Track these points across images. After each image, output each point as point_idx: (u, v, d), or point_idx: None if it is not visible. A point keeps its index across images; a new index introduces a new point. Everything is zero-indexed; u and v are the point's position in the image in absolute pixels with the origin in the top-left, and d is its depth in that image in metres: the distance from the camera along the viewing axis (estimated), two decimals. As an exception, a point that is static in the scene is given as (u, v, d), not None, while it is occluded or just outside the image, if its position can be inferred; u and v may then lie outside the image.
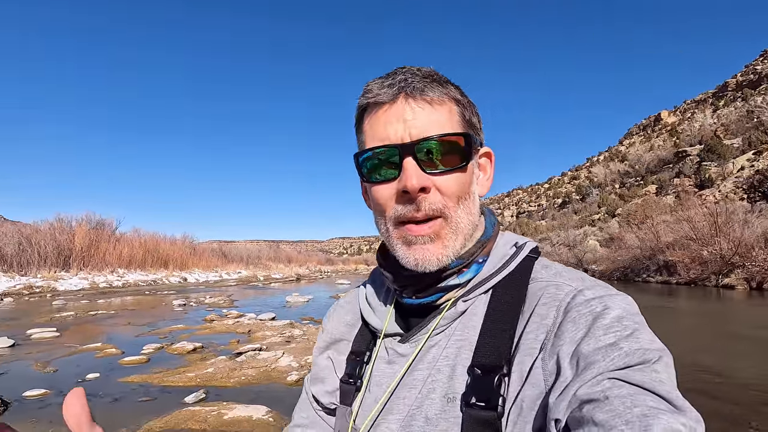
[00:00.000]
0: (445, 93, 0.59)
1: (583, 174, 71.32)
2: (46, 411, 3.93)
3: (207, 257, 34.22)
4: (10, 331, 7.59)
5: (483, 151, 0.65)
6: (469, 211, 0.60)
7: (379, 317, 0.66)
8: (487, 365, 0.53)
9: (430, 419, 0.55)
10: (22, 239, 20.58)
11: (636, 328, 0.49)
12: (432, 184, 0.57)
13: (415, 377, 0.58)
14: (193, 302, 13.70)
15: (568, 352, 0.49)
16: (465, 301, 0.59)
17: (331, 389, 0.71)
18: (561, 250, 35.10)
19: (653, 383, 0.43)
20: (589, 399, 0.43)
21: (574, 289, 0.55)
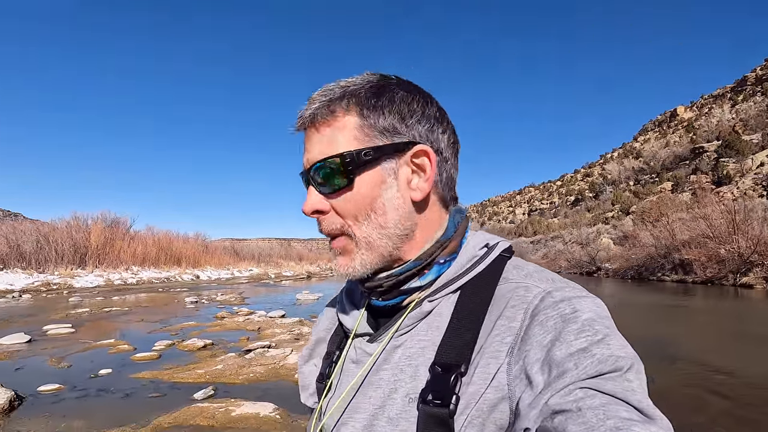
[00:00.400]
0: (336, 111, 0.58)
1: (596, 171, 70.28)
2: (59, 406, 4.01)
3: (219, 255, 34.65)
4: (27, 327, 7.78)
5: (415, 150, 0.59)
6: (380, 226, 0.58)
7: (352, 317, 0.67)
8: (446, 364, 0.52)
9: (392, 419, 0.55)
10: (40, 237, 21.07)
11: (607, 333, 0.48)
12: (329, 206, 0.59)
13: (380, 377, 0.58)
14: (205, 299, 13.88)
15: (537, 357, 0.48)
16: (431, 301, 0.59)
17: (312, 391, 0.71)
18: (573, 248, 34.70)
19: (625, 392, 0.43)
20: (561, 410, 0.42)
21: (543, 290, 0.54)
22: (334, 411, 0.62)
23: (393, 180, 0.59)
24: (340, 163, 0.57)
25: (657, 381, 4.51)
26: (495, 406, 0.49)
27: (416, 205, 0.60)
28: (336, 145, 0.58)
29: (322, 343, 0.74)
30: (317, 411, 0.65)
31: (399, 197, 0.59)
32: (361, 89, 0.59)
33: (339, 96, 0.59)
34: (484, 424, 0.49)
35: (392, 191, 0.59)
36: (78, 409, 3.91)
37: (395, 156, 0.59)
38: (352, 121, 0.58)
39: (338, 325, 0.71)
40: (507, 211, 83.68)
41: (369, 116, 0.58)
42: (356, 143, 0.58)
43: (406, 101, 0.60)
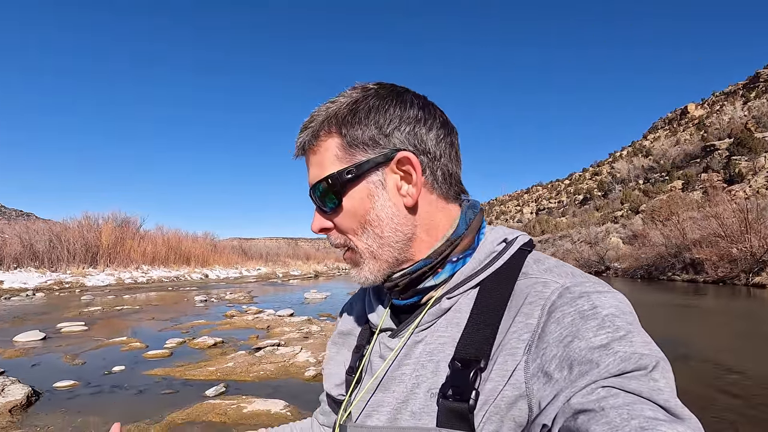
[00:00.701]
0: (319, 134, 0.61)
1: (605, 170, 69.60)
2: (75, 401, 4.09)
3: (227, 254, 34.91)
4: (42, 325, 7.92)
5: (398, 157, 0.59)
6: (378, 235, 0.60)
7: (377, 314, 0.68)
8: (465, 359, 0.53)
9: (414, 413, 0.55)
10: (52, 237, 21.40)
11: (629, 330, 0.47)
12: (332, 224, 0.63)
13: (402, 371, 0.59)
14: (214, 298, 14.01)
15: (554, 354, 0.47)
16: (449, 298, 0.59)
17: (339, 381, 0.73)
18: (582, 247, 34.43)
19: (651, 392, 0.41)
20: (584, 409, 0.42)
21: (561, 286, 0.53)
22: (359, 403, 0.63)
23: (381, 191, 0.60)
24: (327, 185, 0.60)
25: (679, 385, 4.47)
26: (513, 403, 0.49)
27: (411, 209, 0.60)
28: (323, 168, 0.61)
29: (350, 335, 0.76)
30: (344, 402, 0.67)
31: (391, 206, 0.60)
32: (339, 108, 0.61)
33: (321, 120, 0.61)
34: (502, 421, 0.49)
35: (383, 201, 0.60)
36: (93, 405, 3.98)
37: (379, 167, 0.59)
38: (334, 143, 0.60)
39: (366, 319, 0.73)
40: (514, 210, 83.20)
41: (347, 134, 0.59)
42: (339, 163, 0.60)
43: (382, 110, 0.60)
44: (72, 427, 3.44)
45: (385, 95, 0.61)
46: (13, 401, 3.87)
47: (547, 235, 50.77)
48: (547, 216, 63.80)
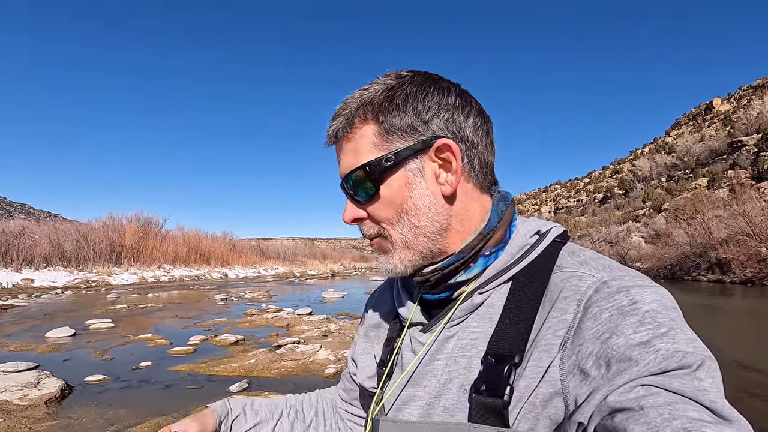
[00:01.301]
0: (355, 121, 0.60)
1: (626, 167, 68.02)
2: (105, 395, 4.24)
3: (246, 254, 35.43)
4: (71, 322, 8.19)
5: (437, 145, 0.57)
6: (414, 225, 0.59)
7: (407, 308, 0.67)
8: (499, 354, 0.51)
9: (447, 408, 0.55)
10: (79, 237, 22.11)
11: (672, 326, 0.44)
12: (365, 213, 0.61)
13: (435, 366, 0.59)
14: (234, 297, 14.24)
15: (591, 351, 0.45)
16: (481, 293, 0.58)
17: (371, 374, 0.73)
18: (602, 246, 33.75)
19: (696, 392, 0.39)
20: (622, 408, 0.40)
21: (598, 280, 0.51)
22: (391, 396, 0.63)
23: (420, 179, 0.58)
24: (364, 173, 0.58)
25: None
26: (548, 401, 0.48)
27: (448, 198, 0.59)
28: (359, 156, 0.59)
29: (378, 327, 0.76)
30: (376, 395, 0.66)
31: (429, 194, 0.58)
32: (375, 95, 0.59)
33: (356, 107, 0.60)
34: (537, 419, 0.48)
35: (421, 189, 0.58)
36: (122, 399, 4.12)
37: (418, 155, 0.58)
38: (370, 130, 0.59)
39: (395, 313, 0.72)
40: (532, 209, 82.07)
41: (385, 121, 0.58)
42: (376, 151, 0.58)
43: (420, 97, 0.58)
44: (103, 420, 3.57)
45: (422, 82, 0.60)
46: (48, 394, 4.03)
47: (565, 235, 49.74)
48: (566, 215, 62.71)
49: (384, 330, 0.74)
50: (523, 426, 0.49)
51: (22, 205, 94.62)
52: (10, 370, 4.71)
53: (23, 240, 19.57)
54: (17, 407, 3.77)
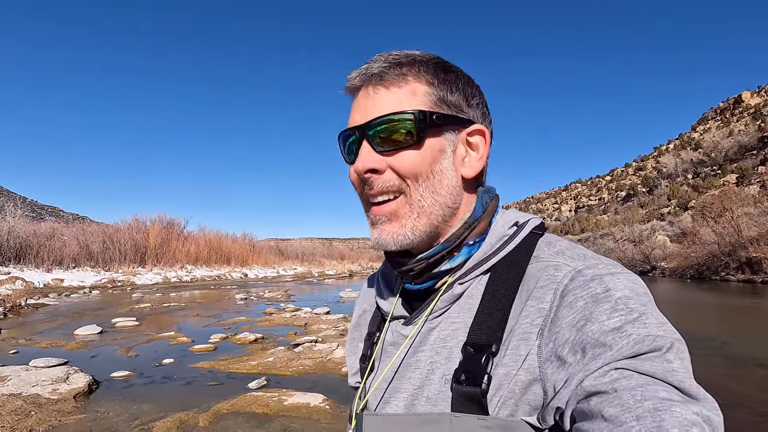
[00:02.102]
0: (407, 74, 0.59)
1: (649, 164, 66.21)
2: (130, 390, 4.38)
3: (265, 254, 35.93)
4: (99, 320, 8.47)
5: (473, 128, 0.61)
6: (434, 190, 0.58)
7: (388, 301, 0.67)
8: (477, 344, 0.52)
9: (430, 399, 0.56)
10: (105, 238, 22.83)
11: (643, 311, 0.46)
12: (386, 165, 0.58)
13: (418, 358, 0.59)
14: (254, 296, 14.46)
15: (568, 338, 0.47)
16: (461, 283, 0.59)
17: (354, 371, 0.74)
18: (625, 246, 32.94)
19: (665, 373, 0.41)
20: (597, 391, 0.42)
21: (573, 269, 0.52)
22: (376, 391, 0.63)
23: (450, 152, 0.60)
24: (413, 119, 0.56)
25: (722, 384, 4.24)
26: (527, 387, 0.49)
27: (464, 182, 0.61)
28: (405, 105, 0.57)
29: (361, 325, 0.77)
30: (359, 390, 0.67)
31: (452, 170, 0.60)
32: (430, 62, 0.60)
33: (409, 62, 0.59)
34: (517, 405, 0.49)
35: (448, 162, 0.59)
36: (146, 394, 4.24)
37: (456, 130, 0.60)
38: (422, 88, 0.58)
39: (376, 307, 0.71)
40: (552, 209, 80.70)
41: (439, 87, 0.59)
42: (424, 107, 0.58)
43: (469, 84, 0.62)
44: (128, 414, 3.68)
45: (468, 75, 0.63)
46: (76, 388, 4.19)
47: (587, 234, 48.88)
48: (587, 214, 61.44)
49: (364, 327, 0.74)
50: (503, 413, 0.50)
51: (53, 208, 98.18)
52: (42, 365, 4.91)
53: (53, 241, 20.33)
54: (48, 401, 3.93)
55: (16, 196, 35.58)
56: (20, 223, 19.89)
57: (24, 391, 4.10)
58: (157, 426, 3.39)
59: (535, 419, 0.49)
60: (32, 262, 18.68)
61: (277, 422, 3.50)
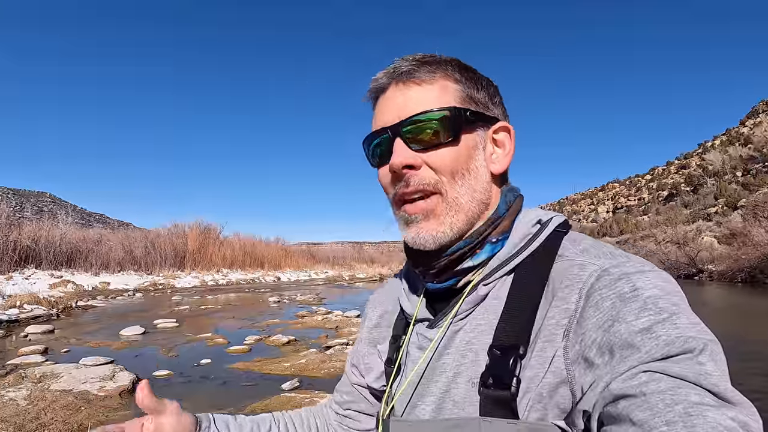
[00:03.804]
0: (436, 72, 0.59)
1: (693, 162, 62.84)
2: (170, 389, 4.56)
3: (297, 258, 36.60)
4: (142, 321, 8.87)
5: (498, 126, 0.62)
6: (471, 188, 0.58)
7: (411, 303, 0.67)
8: (503, 346, 0.51)
9: (457, 402, 0.55)
10: (147, 243, 23.93)
11: (674, 311, 0.44)
12: (421, 161, 0.57)
13: (444, 362, 0.58)
14: (286, 299, 14.74)
15: (595, 339, 0.46)
16: (486, 284, 0.58)
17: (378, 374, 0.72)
18: (668, 248, 31.34)
19: (698, 376, 0.39)
20: (625, 394, 0.40)
21: (599, 268, 0.50)
22: (403, 395, 0.62)
23: (482, 148, 0.61)
24: (450, 116, 0.57)
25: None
26: (555, 390, 0.48)
27: (493, 178, 0.62)
28: (439, 101, 0.58)
29: (381, 326, 0.75)
30: (386, 395, 0.66)
31: (483, 166, 0.61)
32: (453, 62, 0.61)
33: (436, 61, 0.60)
34: (546, 408, 0.48)
35: (480, 159, 0.60)
36: (185, 393, 4.41)
37: (485, 127, 0.61)
38: (452, 86, 0.59)
39: (400, 310, 0.71)
40: (588, 210, 77.98)
41: (466, 86, 0.60)
42: (457, 104, 0.58)
43: (492, 84, 0.64)
44: (169, 411, 3.84)
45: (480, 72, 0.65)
46: (122, 386, 4.41)
47: (626, 235, 46.93)
48: (626, 215, 58.99)
49: (386, 329, 0.74)
50: (533, 416, 0.49)
51: (100, 215, 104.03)
52: (91, 363, 5.20)
53: (100, 247, 21.52)
54: (96, 397, 4.16)
55: (68, 204, 37.89)
56: (71, 230, 21.22)
57: (75, 388, 4.35)
58: (195, 424, 3.51)
59: (564, 422, 0.48)
60: (82, 266, 19.84)
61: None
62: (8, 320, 8.32)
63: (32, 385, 4.37)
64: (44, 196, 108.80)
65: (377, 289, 0.83)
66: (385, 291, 0.80)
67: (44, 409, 3.72)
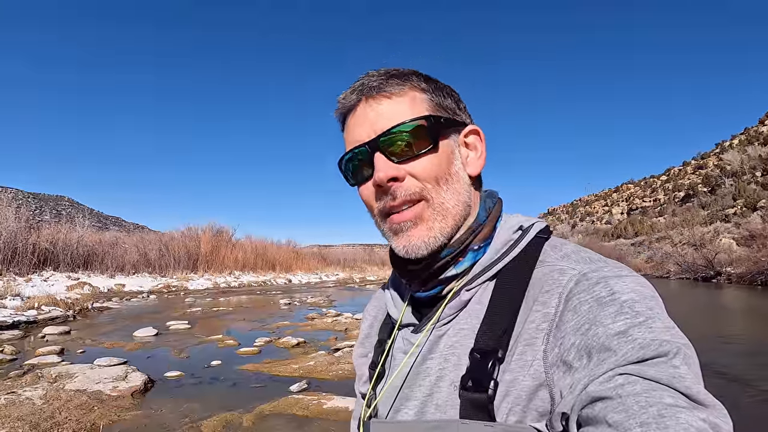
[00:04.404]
0: (404, 84, 0.60)
1: (711, 162, 61.46)
2: (181, 390, 4.63)
3: (308, 260, 36.77)
4: (155, 323, 9.01)
5: (468, 129, 0.63)
6: (456, 191, 0.59)
7: (397, 308, 0.68)
8: (483, 350, 0.52)
9: (439, 406, 0.56)
10: (161, 246, 24.32)
11: (650, 315, 0.45)
12: (405, 172, 0.58)
13: (428, 366, 0.59)
14: (297, 302, 14.83)
15: (573, 343, 0.47)
16: (468, 290, 0.59)
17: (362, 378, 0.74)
18: (685, 250, 30.71)
19: (671, 379, 0.40)
20: (601, 396, 0.41)
21: (578, 273, 0.52)
22: (386, 398, 0.63)
23: (458, 153, 0.62)
24: (426, 125, 0.58)
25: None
26: (534, 393, 0.49)
27: (471, 180, 0.63)
28: (412, 112, 0.59)
29: (371, 335, 0.77)
30: (367, 397, 0.67)
31: (462, 170, 0.62)
32: (418, 73, 0.63)
33: (402, 73, 0.61)
34: (525, 412, 0.49)
35: (459, 163, 0.62)
36: (195, 394, 4.47)
37: (456, 132, 0.63)
38: (420, 95, 0.60)
39: (386, 315, 0.72)
40: (602, 211, 76.83)
41: (434, 94, 0.61)
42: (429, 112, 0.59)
43: (454, 91, 0.65)
44: (179, 412, 3.89)
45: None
46: (134, 386, 4.49)
47: (641, 237, 46.12)
48: (641, 216, 57.99)
49: (375, 337, 0.74)
50: (512, 419, 0.49)
51: (115, 218, 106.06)
52: (104, 364, 5.30)
53: (116, 249, 21.93)
54: (109, 397, 4.24)
55: (84, 207, 38.68)
56: (88, 233, 21.66)
57: (89, 388, 4.44)
58: (204, 424, 3.56)
59: (544, 425, 0.48)
60: (98, 268, 20.24)
61: (316, 425, 3.57)
62: (27, 321, 8.54)
63: (48, 385, 4.48)
64: (62, 199, 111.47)
65: (369, 302, 0.84)
66: (374, 301, 0.82)
67: (59, 409, 3.81)
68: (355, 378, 0.81)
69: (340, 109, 0.64)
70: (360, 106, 0.61)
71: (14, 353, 6.10)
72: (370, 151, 0.59)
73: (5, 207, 17.18)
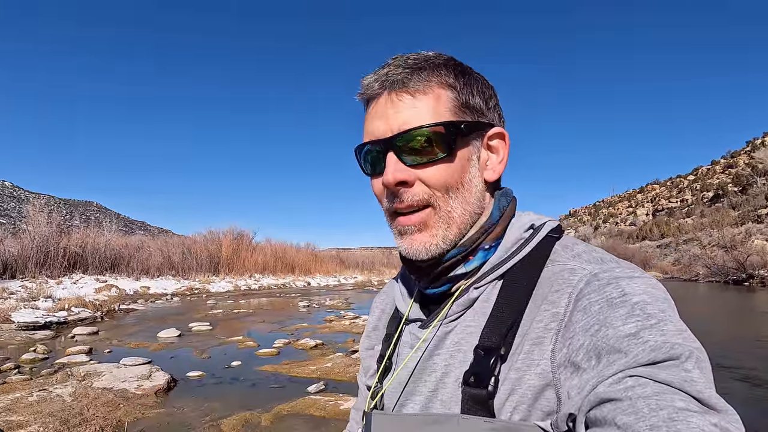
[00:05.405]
0: (431, 80, 0.57)
1: (741, 161, 59.18)
2: (203, 389, 4.74)
3: (327, 263, 37.04)
4: (178, 324, 9.23)
5: (493, 132, 0.61)
6: (464, 200, 0.58)
7: (406, 304, 0.67)
8: (487, 347, 0.52)
9: (444, 402, 0.56)
10: (184, 249, 24.91)
11: (661, 318, 0.44)
12: (415, 177, 0.57)
13: (434, 362, 0.59)
14: (316, 304, 14.94)
15: (582, 343, 0.46)
16: (477, 288, 0.58)
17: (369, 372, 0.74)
18: (715, 252, 29.63)
19: (682, 382, 0.39)
20: (610, 398, 0.40)
21: (589, 273, 0.51)
22: (392, 392, 0.63)
23: (476, 158, 0.60)
24: (444, 131, 0.55)
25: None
26: (540, 392, 0.48)
27: (487, 185, 0.61)
28: (433, 114, 0.56)
29: (378, 328, 0.77)
30: (372, 390, 0.67)
31: (478, 176, 0.60)
32: (449, 65, 0.59)
33: (430, 66, 0.58)
34: (530, 411, 0.48)
35: (475, 170, 0.59)
36: (216, 394, 4.56)
37: (480, 135, 0.60)
38: (446, 94, 0.58)
39: (395, 309, 0.72)
40: (626, 213, 74.84)
41: (462, 92, 0.58)
42: (452, 116, 0.57)
43: (487, 86, 0.62)
44: (200, 411, 3.99)
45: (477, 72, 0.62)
46: (157, 385, 4.62)
47: (668, 239, 44.75)
48: (668, 217, 56.25)
49: (383, 330, 0.75)
50: (516, 417, 0.49)
51: (141, 223, 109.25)
52: (130, 363, 5.47)
53: (141, 252, 22.60)
54: (134, 395, 4.38)
55: (112, 212, 40.01)
56: (114, 237, 22.40)
57: (115, 386, 4.60)
58: (224, 423, 3.64)
59: (549, 425, 0.48)
60: (124, 271, 20.88)
61: (333, 425, 3.60)
62: (58, 322, 8.89)
63: (77, 383, 4.65)
64: (91, 205, 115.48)
65: (378, 294, 0.84)
66: (383, 294, 0.82)
67: (87, 406, 3.96)
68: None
69: (363, 95, 0.61)
70: (382, 99, 0.59)
71: (46, 352, 6.36)
72: (383, 149, 0.58)
73: (38, 213, 17.94)
